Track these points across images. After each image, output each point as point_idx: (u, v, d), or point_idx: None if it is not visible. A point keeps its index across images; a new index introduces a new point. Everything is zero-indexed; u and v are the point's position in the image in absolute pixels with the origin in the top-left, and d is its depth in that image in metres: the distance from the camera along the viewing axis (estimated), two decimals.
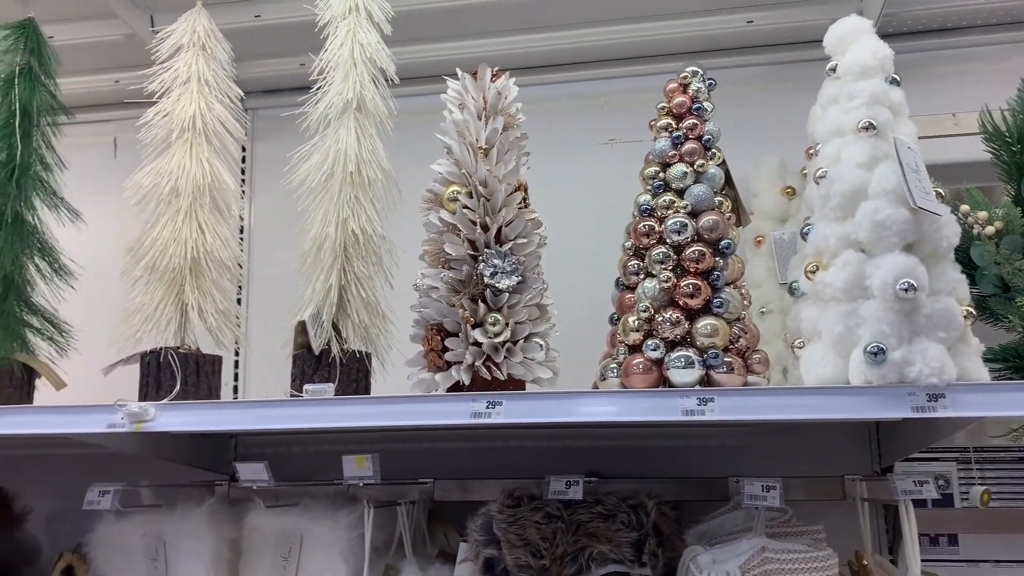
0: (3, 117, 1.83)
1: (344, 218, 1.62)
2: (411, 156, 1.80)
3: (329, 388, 1.53)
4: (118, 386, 1.94)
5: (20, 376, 1.75)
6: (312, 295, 1.61)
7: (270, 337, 1.86)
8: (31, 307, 1.83)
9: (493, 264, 1.54)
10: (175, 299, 1.65)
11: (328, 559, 1.77)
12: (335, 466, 2.19)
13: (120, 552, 1.87)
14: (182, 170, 1.70)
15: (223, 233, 1.74)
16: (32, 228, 1.84)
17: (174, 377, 1.61)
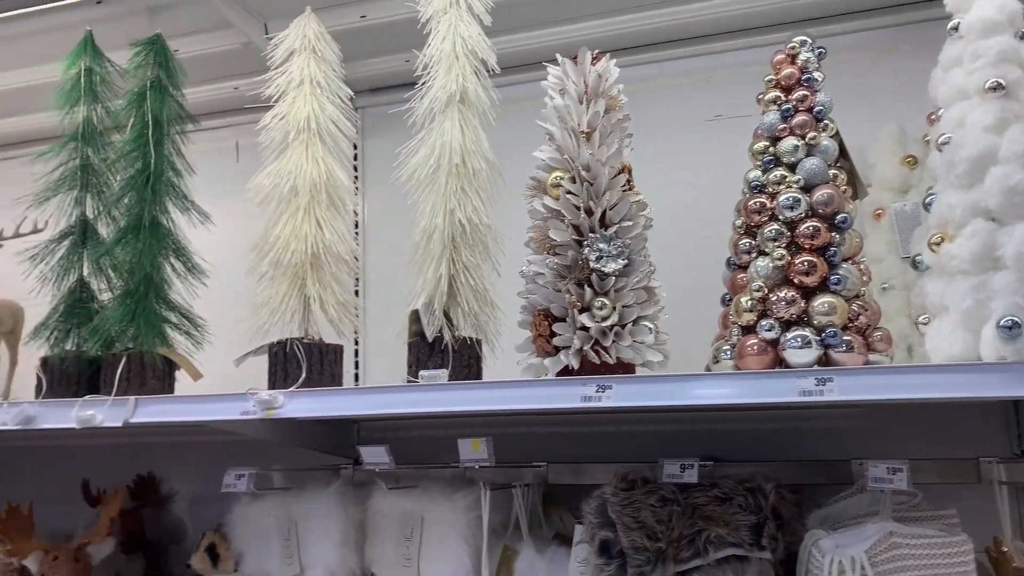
0: (137, 128, 1.97)
1: (451, 209, 1.66)
2: (513, 144, 1.82)
3: (443, 374, 1.57)
4: (249, 376, 2.07)
5: (162, 368, 1.89)
6: (423, 284, 1.66)
7: (385, 326, 1.93)
8: (169, 304, 1.97)
9: (598, 248, 1.54)
10: (298, 292, 1.74)
11: (448, 539, 1.82)
12: (451, 449, 2.26)
13: (255, 532, 1.99)
14: (299, 169, 1.79)
15: (340, 228, 1.81)
16: (167, 231, 1.98)
17: (300, 366, 1.70)
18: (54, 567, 1.77)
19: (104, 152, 2.06)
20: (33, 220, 2.08)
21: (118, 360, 1.83)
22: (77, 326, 1.95)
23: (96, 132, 2.05)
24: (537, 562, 1.80)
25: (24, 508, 1.90)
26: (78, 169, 2.02)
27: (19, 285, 2.02)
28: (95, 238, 2.03)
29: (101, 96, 2.08)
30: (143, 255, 1.89)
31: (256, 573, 1.99)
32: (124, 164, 1.96)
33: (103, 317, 1.86)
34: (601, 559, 1.53)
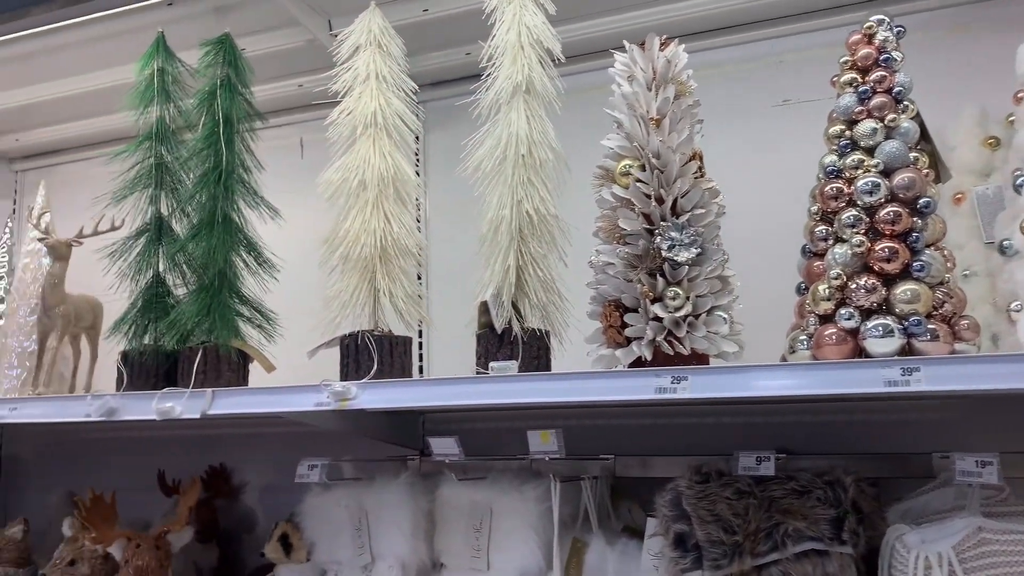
0: (208, 127, 2.02)
1: (519, 200, 1.66)
2: (577, 133, 1.81)
3: (513, 365, 1.57)
4: (317, 368, 2.10)
5: (236, 361, 1.93)
6: (491, 276, 1.66)
7: (448, 318, 1.94)
8: (241, 298, 2.01)
9: (670, 237, 1.52)
10: (368, 285, 1.76)
11: (517, 530, 1.83)
12: (516, 441, 2.26)
13: (327, 521, 2.02)
14: (367, 164, 1.80)
15: (407, 222, 1.82)
16: (238, 226, 2.02)
17: (371, 358, 1.71)
18: (137, 554, 1.82)
19: (177, 151, 2.11)
20: (111, 218, 2.14)
21: (195, 353, 1.87)
22: (154, 320, 2.00)
23: (169, 131, 2.10)
24: (608, 554, 1.79)
25: (107, 497, 1.95)
26: (152, 168, 2.07)
27: (99, 281, 2.08)
28: (170, 235, 2.08)
29: (173, 96, 2.13)
30: (217, 250, 1.93)
31: (328, 562, 2.03)
32: (197, 162, 2.00)
33: (180, 311, 1.91)
34: (676, 552, 1.51)
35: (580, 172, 1.77)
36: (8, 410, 1.93)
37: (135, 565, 1.81)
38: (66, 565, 2.03)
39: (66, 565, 2.03)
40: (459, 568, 1.91)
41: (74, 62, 2.66)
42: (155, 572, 1.82)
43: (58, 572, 2.03)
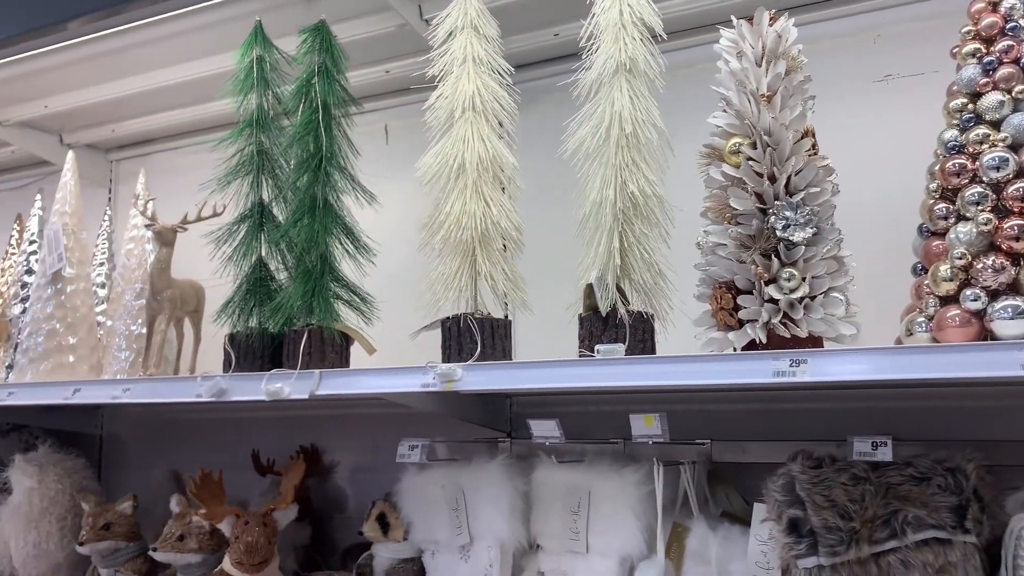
0: (307, 113, 2.05)
1: (623, 181, 1.64)
2: (677, 111, 1.77)
3: (620, 348, 1.56)
4: (414, 351, 2.12)
5: (339, 343, 1.96)
6: (595, 258, 1.65)
7: (543, 300, 1.93)
8: (340, 281, 2.04)
9: (785, 216, 1.48)
10: (469, 268, 1.76)
11: (617, 513, 1.82)
12: (607, 424, 2.25)
13: (424, 501, 2.05)
14: (466, 147, 1.80)
15: (506, 204, 1.82)
16: (336, 211, 2.04)
17: (473, 340, 1.72)
18: (246, 531, 1.88)
19: (276, 137, 2.14)
20: (213, 204, 2.20)
21: (300, 335, 1.91)
22: (259, 304, 2.05)
23: (268, 118, 2.14)
24: (710, 539, 1.77)
25: (215, 475, 2.02)
26: (254, 154, 2.11)
27: (204, 266, 2.14)
28: (271, 220, 2.12)
29: (271, 83, 2.17)
30: (318, 235, 1.96)
31: (425, 541, 2.06)
32: (296, 148, 2.03)
33: (286, 294, 1.95)
34: (790, 538, 1.48)
35: (679, 150, 1.75)
36: (121, 390, 2.01)
37: (245, 541, 1.86)
38: (175, 540, 2.11)
39: (175, 540, 2.11)
40: (556, 550, 1.92)
41: (166, 54, 2.73)
42: (264, 548, 1.87)
43: (168, 546, 2.10)
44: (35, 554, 2.35)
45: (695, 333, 1.63)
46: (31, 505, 2.34)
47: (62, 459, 2.46)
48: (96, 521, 2.24)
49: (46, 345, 2.37)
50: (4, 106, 3.14)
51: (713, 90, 1.64)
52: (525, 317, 1.90)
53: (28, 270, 2.71)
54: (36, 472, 2.35)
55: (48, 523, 2.34)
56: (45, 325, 2.39)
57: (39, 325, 2.39)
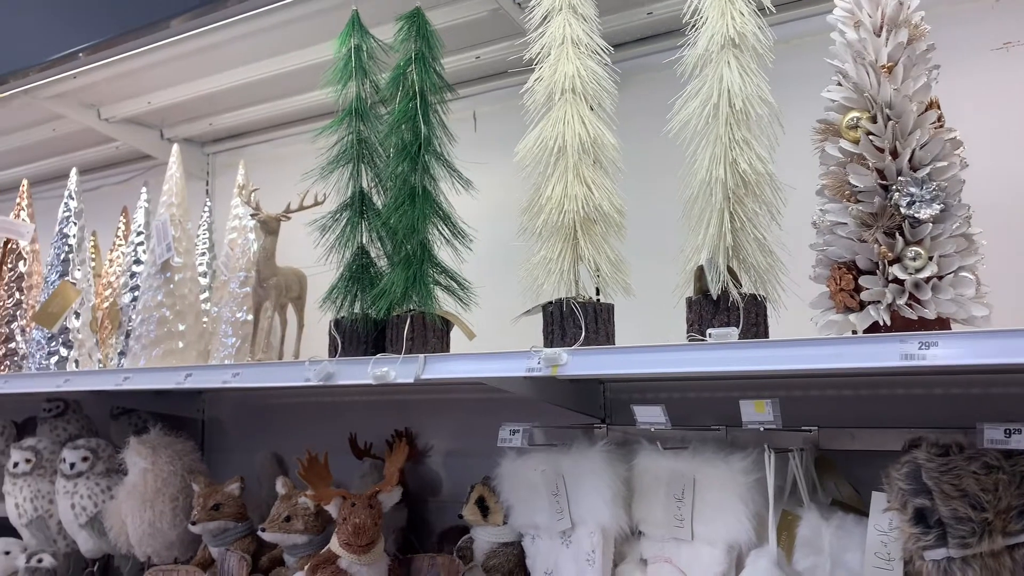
0: (404, 101, 2.06)
1: (733, 158, 1.59)
2: (784, 86, 1.71)
3: (733, 332, 1.52)
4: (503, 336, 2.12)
5: (441, 328, 1.98)
6: (705, 239, 1.61)
7: (639, 284, 1.90)
8: (439, 267, 2.05)
9: (909, 192, 1.41)
10: (571, 252, 1.74)
11: (725, 502, 1.78)
12: (706, 411, 2.21)
13: (523, 486, 2.05)
14: (566, 128, 1.78)
15: (608, 186, 1.79)
16: (434, 198, 2.05)
17: (577, 324, 1.71)
18: (354, 512, 1.91)
19: (375, 125, 2.16)
20: (314, 193, 2.24)
21: (403, 321, 1.93)
22: (361, 290, 2.08)
23: (367, 107, 2.16)
24: (823, 528, 1.71)
25: (320, 458, 2.06)
26: (354, 143, 2.14)
27: (308, 254, 2.18)
28: (372, 208, 2.15)
29: (369, 72, 2.18)
30: (418, 222, 1.98)
31: (525, 526, 2.06)
32: (395, 136, 2.05)
33: (388, 281, 1.98)
34: (917, 528, 1.42)
35: (787, 126, 1.69)
36: (231, 375, 2.07)
37: (352, 523, 1.90)
38: (282, 521, 2.17)
39: (282, 521, 2.17)
40: (660, 537, 1.89)
41: (261, 47, 2.80)
42: (371, 530, 1.91)
43: (276, 527, 2.16)
44: (150, 532, 2.45)
45: (810, 316, 1.57)
46: (146, 485, 2.44)
47: (173, 441, 2.56)
48: (207, 502, 2.33)
49: (157, 332, 2.46)
50: (109, 103, 3.27)
51: (823, 63, 1.57)
52: (621, 301, 1.87)
53: (136, 260, 2.82)
54: (150, 454, 2.45)
55: (161, 503, 2.44)
56: (155, 313, 2.49)
57: (150, 313, 2.49)
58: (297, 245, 2.37)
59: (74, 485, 2.62)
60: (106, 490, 2.62)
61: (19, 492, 2.73)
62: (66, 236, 2.84)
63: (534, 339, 1.84)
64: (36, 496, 2.73)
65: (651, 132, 1.99)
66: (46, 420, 3.08)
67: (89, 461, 2.64)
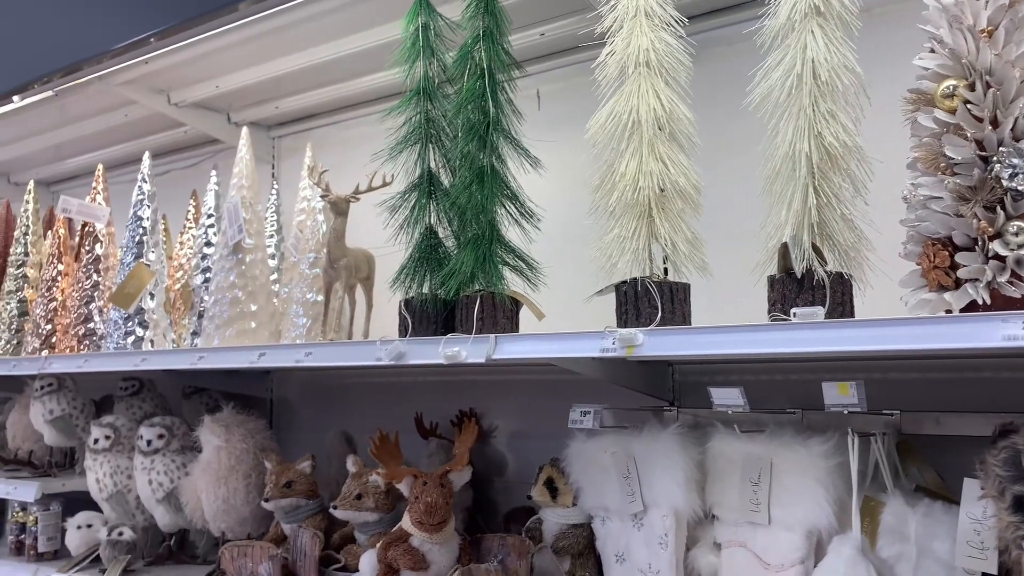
0: (472, 80, 2.04)
1: (818, 132, 1.53)
2: (868, 56, 1.64)
3: (819, 311, 1.46)
4: (569, 316, 2.10)
5: (510, 308, 1.96)
6: (788, 216, 1.55)
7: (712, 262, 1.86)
8: (507, 247, 2.04)
9: (1011, 164, 1.33)
10: (646, 230, 1.71)
11: (804, 486, 1.73)
12: (781, 393, 2.16)
13: (593, 467, 2.03)
14: (640, 102, 1.74)
15: (683, 162, 1.75)
16: (502, 177, 2.03)
17: (652, 304, 1.67)
18: (425, 491, 1.92)
19: (442, 105, 2.15)
20: (382, 174, 2.24)
21: (472, 301, 1.92)
22: (430, 271, 2.08)
23: (434, 86, 2.15)
24: (908, 516, 1.65)
25: (391, 436, 2.08)
26: (422, 123, 2.13)
27: (375, 235, 2.19)
28: (439, 188, 2.14)
29: (437, 50, 2.17)
30: (487, 201, 1.96)
31: (595, 508, 2.04)
32: (463, 115, 2.03)
33: (457, 261, 1.97)
34: (1016, 516, 1.36)
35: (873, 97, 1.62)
36: (304, 354, 2.09)
37: (424, 502, 1.90)
38: (354, 499, 2.20)
39: (354, 499, 2.20)
40: (735, 522, 1.86)
41: (326, 29, 2.81)
42: (442, 508, 1.91)
43: (347, 504, 2.19)
44: (224, 508, 2.51)
45: (899, 295, 1.51)
46: (219, 463, 2.50)
47: (245, 420, 2.61)
48: (279, 479, 2.37)
49: (230, 312, 2.51)
50: (179, 88, 3.33)
51: (909, 32, 1.50)
52: (695, 280, 1.83)
53: (207, 242, 2.88)
54: (223, 432, 2.51)
55: (235, 480, 2.50)
56: (228, 293, 2.53)
57: (223, 293, 2.54)
58: (364, 226, 2.38)
59: (151, 461, 2.70)
60: (181, 467, 2.69)
61: (99, 467, 2.83)
62: (140, 219, 2.91)
63: (599, 320, 1.81)
64: (115, 471, 2.82)
65: (727, 105, 1.94)
66: (122, 399, 3.18)
67: (165, 439, 2.71)
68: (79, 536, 2.81)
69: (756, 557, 1.81)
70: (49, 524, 2.96)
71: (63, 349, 3.08)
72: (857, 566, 1.59)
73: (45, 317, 3.18)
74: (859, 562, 1.60)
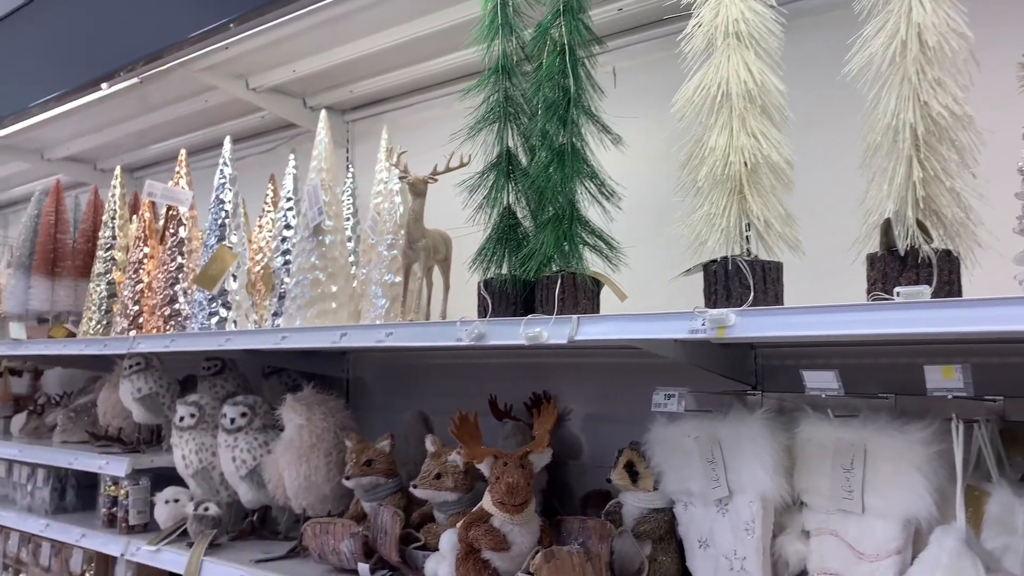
0: (552, 56, 2.00)
1: (924, 101, 1.44)
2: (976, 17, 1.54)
3: (925, 290, 1.39)
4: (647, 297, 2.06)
5: (591, 289, 1.93)
6: (891, 190, 1.47)
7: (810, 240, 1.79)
8: (587, 227, 2.00)
9: None
10: (736, 207, 1.65)
11: (902, 474, 1.66)
12: (872, 377, 2.07)
13: (676, 451, 1.99)
14: (731, 75, 1.68)
15: (776, 137, 1.68)
16: (583, 155, 2.00)
17: (743, 284, 1.62)
18: (506, 471, 1.91)
19: (520, 83, 2.12)
20: (460, 154, 2.23)
21: (553, 281, 1.90)
22: (509, 251, 2.06)
23: (512, 64, 2.12)
24: (1016, 507, 1.56)
25: (471, 417, 2.07)
26: (500, 102, 2.11)
27: (455, 216, 2.18)
28: (518, 167, 2.12)
29: (515, 27, 2.14)
30: (567, 180, 1.93)
31: (677, 492, 2.00)
32: (542, 92, 2.00)
33: (538, 241, 1.94)
34: None
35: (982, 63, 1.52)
36: (385, 334, 2.10)
37: (506, 482, 1.90)
38: (433, 478, 2.21)
39: (433, 478, 2.21)
40: (825, 509, 1.80)
41: (399, 11, 2.81)
42: (523, 489, 1.90)
43: (427, 484, 2.20)
44: (305, 486, 2.56)
45: (1012, 273, 1.42)
46: (301, 441, 2.54)
47: (325, 399, 2.65)
48: (359, 457, 2.39)
49: (311, 293, 2.54)
50: (257, 73, 3.39)
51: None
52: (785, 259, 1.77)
53: (287, 225, 2.92)
54: (304, 410, 2.55)
55: (316, 458, 2.54)
56: (309, 275, 2.56)
57: (304, 275, 2.57)
58: (442, 208, 2.38)
59: (234, 439, 2.76)
60: (263, 444, 2.75)
61: (185, 444, 2.91)
62: (222, 202, 2.97)
63: (676, 302, 1.77)
64: (200, 448, 2.91)
65: (820, 76, 1.86)
66: (206, 378, 3.27)
67: (247, 417, 2.77)
68: (167, 510, 2.91)
69: (848, 546, 1.75)
70: (139, 498, 3.07)
71: (150, 329, 3.18)
72: (962, 558, 1.52)
73: (132, 298, 3.29)
74: (964, 554, 1.53)
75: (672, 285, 1.96)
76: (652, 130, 2.31)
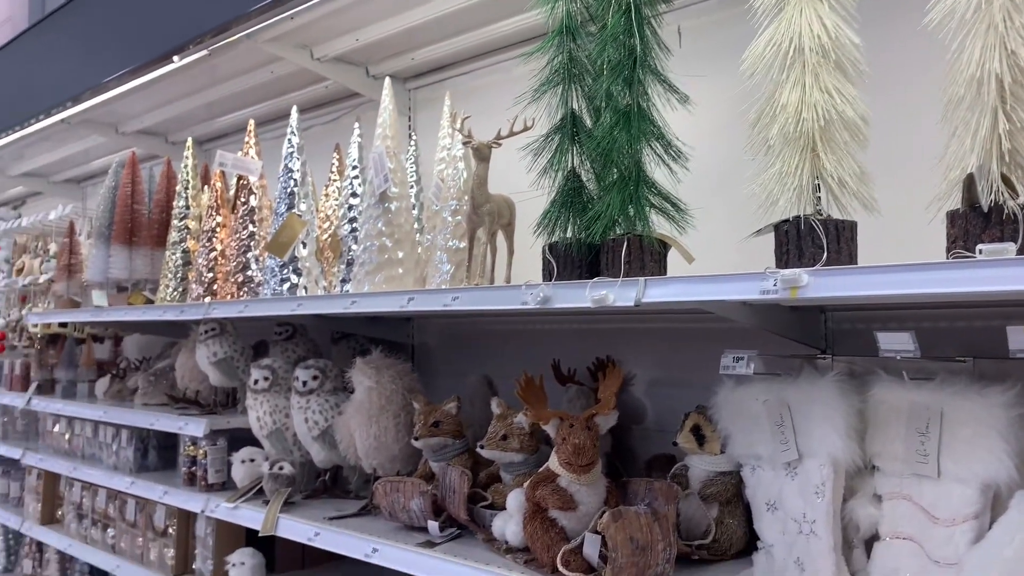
0: (617, 15, 1.97)
1: (1012, 50, 1.38)
2: None
3: (1010, 247, 1.34)
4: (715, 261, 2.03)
5: (658, 251, 1.92)
6: (973, 144, 1.42)
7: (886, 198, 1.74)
8: (653, 188, 1.98)
9: None
10: (809, 165, 1.61)
11: (981, 437, 1.63)
12: (946, 340, 2.02)
13: (743, 415, 1.98)
14: (803, 29, 1.63)
15: (850, 93, 1.63)
16: (649, 116, 1.97)
17: (817, 243, 1.59)
18: (572, 433, 1.93)
19: (585, 44, 2.10)
20: (524, 118, 2.23)
21: (619, 244, 1.89)
22: (574, 214, 2.06)
23: (576, 24, 2.10)
24: None
25: (536, 380, 2.09)
26: (564, 63, 2.09)
27: (518, 180, 2.19)
28: (583, 129, 2.11)
29: None
30: (633, 141, 1.91)
31: (745, 456, 2.00)
32: (607, 53, 1.97)
33: (604, 203, 1.94)
34: None
35: None
36: (451, 298, 2.13)
37: (572, 443, 1.92)
38: (499, 439, 2.24)
39: (499, 439, 2.24)
40: (899, 473, 1.77)
41: None
42: (589, 450, 1.92)
43: (494, 444, 2.24)
44: (375, 446, 2.63)
45: None
46: (371, 403, 2.61)
47: (393, 363, 2.71)
48: (427, 419, 2.45)
49: (378, 259, 2.59)
50: (321, 42, 3.43)
51: None
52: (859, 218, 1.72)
53: (353, 193, 2.97)
54: (374, 373, 2.61)
55: (385, 419, 2.61)
56: (376, 241, 2.61)
57: (371, 241, 2.62)
58: (505, 173, 2.39)
59: (307, 401, 2.85)
60: (334, 406, 2.83)
61: (260, 406, 3.02)
62: (291, 171, 3.03)
63: (744, 265, 1.74)
64: (274, 410, 3.01)
65: (897, 28, 1.79)
66: (277, 343, 3.38)
67: (319, 380, 2.85)
68: (243, 469, 3.02)
69: (923, 510, 1.72)
70: (217, 458, 3.20)
71: (223, 296, 3.29)
72: None
73: (206, 266, 3.40)
74: None
75: (738, 249, 1.94)
76: (719, 89, 2.27)
